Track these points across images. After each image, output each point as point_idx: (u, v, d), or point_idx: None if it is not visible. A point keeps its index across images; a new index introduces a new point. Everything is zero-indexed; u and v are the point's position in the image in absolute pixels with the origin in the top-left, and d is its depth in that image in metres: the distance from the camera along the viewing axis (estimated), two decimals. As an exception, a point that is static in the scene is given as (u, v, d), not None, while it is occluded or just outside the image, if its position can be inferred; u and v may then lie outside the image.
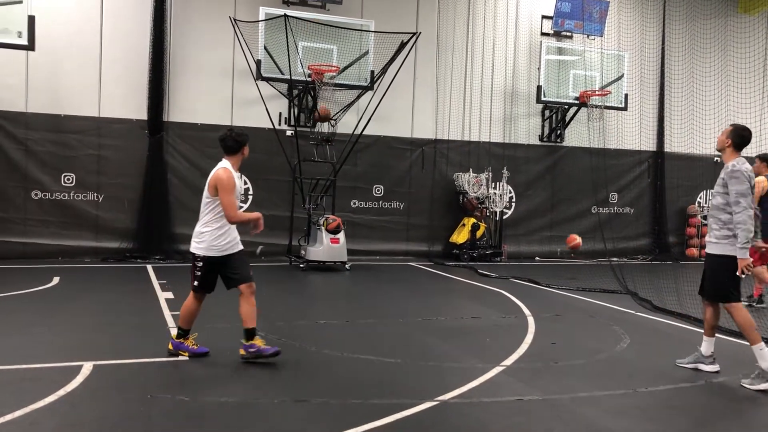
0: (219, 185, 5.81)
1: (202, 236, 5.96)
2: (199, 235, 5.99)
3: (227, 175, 5.86)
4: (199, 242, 5.97)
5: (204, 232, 5.96)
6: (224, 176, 5.83)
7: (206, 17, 13.09)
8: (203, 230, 5.97)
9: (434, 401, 5.06)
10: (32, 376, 5.38)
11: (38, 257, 12.03)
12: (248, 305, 5.95)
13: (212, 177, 5.90)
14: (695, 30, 16.24)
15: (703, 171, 16.70)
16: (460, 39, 14.96)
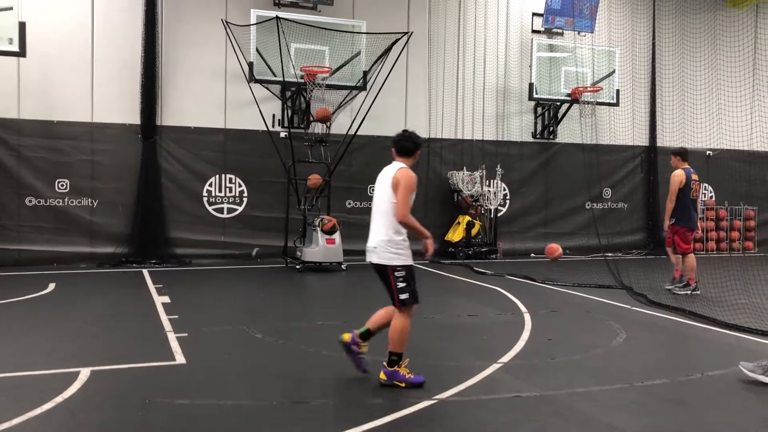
0: (403, 182, 5.40)
1: (398, 245, 5.46)
2: (395, 245, 5.45)
3: (411, 174, 5.50)
4: (397, 251, 5.46)
5: (398, 241, 5.46)
6: (409, 175, 5.47)
7: (197, 20, 13.08)
8: (397, 238, 5.46)
9: (433, 400, 5.08)
10: (29, 383, 5.37)
11: (33, 264, 12.00)
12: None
13: (394, 177, 5.45)
14: (685, 24, 16.31)
15: (695, 165, 16.68)
16: (451, 37, 14.98)
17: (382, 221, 5.47)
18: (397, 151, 5.68)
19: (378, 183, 5.58)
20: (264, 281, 11.29)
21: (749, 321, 7.78)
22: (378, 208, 5.51)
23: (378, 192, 5.54)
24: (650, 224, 16.38)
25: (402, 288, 5.40)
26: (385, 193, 5.46)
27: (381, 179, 5.55)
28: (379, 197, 5.51)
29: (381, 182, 5.53)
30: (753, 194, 16.85)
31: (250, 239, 13.49)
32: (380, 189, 5.51)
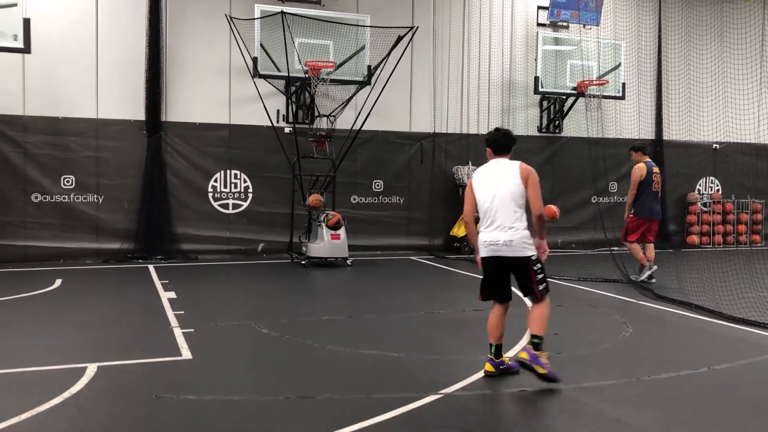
0: (533, 176, 5.45)
1: (529, 238, 5.45)
2: (528, 238, 5.43)
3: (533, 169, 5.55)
4: (531, 244, 5.44)
5: (529, 234, 5.46)
6: (533, 170, 5.52)
7: (202, 16, 13.07)
8: (528, 231, 5.46)
9: (438, 394, 5.08)
10: (37, 378, 5.40)
11: (40, 260, 12.05)
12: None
13: (522, 171, 5.45)
14: (691, 17, 16.21)
15: (702, 158, 16.70)
16: (456, 32, 14.94)
17: (514, 216, 5.41)
18: (496, 150, 5.61)
19: (495, 180, 5.48)
20: (269, 277, 11.31)
21: (756, 315, 7.75)
22: (505, 204, 5.42)
23: (502, 188, 5.43)
24: (656, 218, 16.32)
25: (541, 278, 5.43)
26: (516, 189, 5.41)
27: (500, 175, 5.48)
28: (505, 193, 5.42)
29: (502, 178, 5.46)
30: (760, 187, 16.78)
31: (255, 235, 13.50)
32: (505, 185, 5.43)
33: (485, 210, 5.51)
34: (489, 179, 5.53)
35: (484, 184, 5.54)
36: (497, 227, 5.42)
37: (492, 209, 5.46)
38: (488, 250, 5.47)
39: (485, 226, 5.51)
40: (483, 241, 5.50)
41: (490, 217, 5.47)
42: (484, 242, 5.49)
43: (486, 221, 5.50)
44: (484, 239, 5.49)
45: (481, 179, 5.58)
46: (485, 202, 5.50)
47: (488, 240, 5.46)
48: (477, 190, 5.58)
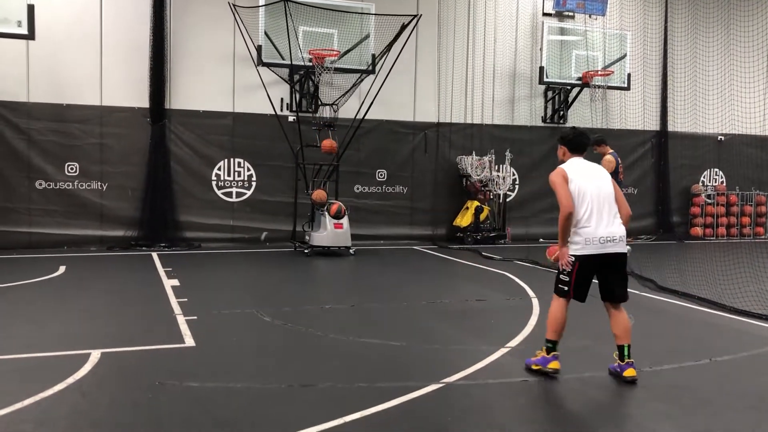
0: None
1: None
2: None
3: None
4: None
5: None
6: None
7: (206, 3, 13.03)
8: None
9: (440, 383, 5.09)
10: (41, 364, 5.43)
11: (44, 247, 12.09)
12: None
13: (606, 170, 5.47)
14: (698, 8, 16.10)
15: (706, 150, 16.64)
16: (461, 21, 14.86)
17: (615, 213, 5.26)
18: (575, 148, 5.44)
19: (593, 175, 5.32)
20: (272, 265, 11.33)
21: (758, 307, 7.75)
22: (610, 200, 5.25)
23: (604, 185, 5.28)
24: (660, 209, 16.31)
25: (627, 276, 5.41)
26: (611, 187, 5.31)
27: (595, 172, 5.37)
28: (608, 190, 5.28)
29: (598, 174, 5.35)
30: (764, 180, 16.73)
31: (258, 223, 13.52)
32: (605, 182, 5.31)
33: (593, 205, 5.19)
34: (588, 174, 5.30)
35: (586, 178, 5.27)
36: (605, 222, 5.18)
37: (600, 204, 5.21)
38: (599, 246, 5.16)
39: (594, 221, 5.16)
40: (596, 236, 5.15)
41: (598, 212, 5.19)
42: (598, 238, 5.15)
43: (594, 217, 5.17)
44: (597, 234, 5.15)
45: (581, 173, 5.29)
46: (593, 197, 5.20)
47: (604, 235, 5.16)
48: (579, 182, 5.23)
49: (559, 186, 5.23)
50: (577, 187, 5.22)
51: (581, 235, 5.18)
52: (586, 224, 5.18)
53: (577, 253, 5.20)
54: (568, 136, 5.48)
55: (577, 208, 5.19)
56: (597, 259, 5.20)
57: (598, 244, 5.16)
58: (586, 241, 5.16)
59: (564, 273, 5.27)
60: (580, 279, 5.23)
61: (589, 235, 5.16)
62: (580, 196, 5.20)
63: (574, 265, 5.20)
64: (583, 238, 5.17)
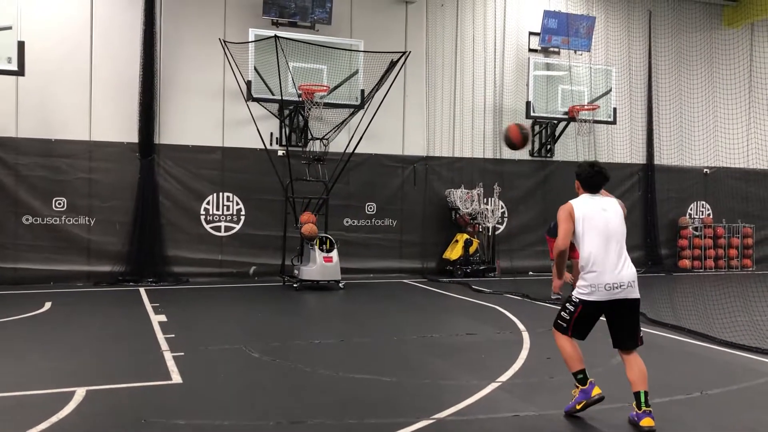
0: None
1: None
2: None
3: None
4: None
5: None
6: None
7: (196, 39, 13.15)
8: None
9: (431, 419, 5.03)
10: (24, 403, 5.32)
11: (30, 282, 11.95)
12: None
13: (622, 207, 5.22)
14: (681, 43, 16.43)
15: (693, 183, 16.82)
16: (448, 56, 15.07)
17: (625, 254, 5.06)
18: (592, 187, 5.18)
19: (603, 213, 5.06)
20: (261, 300, 11.25)
21: (748, 339, 7.75)
22: (619, 241, 5.03)
23: (613, 224, 5.03)
24: (648, 242, 16.38)
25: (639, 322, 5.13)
26: (621, 226, 5.09)
27: (604, 209, 5.08)
28: (616, 230, 5.04)
29: (610, 213, 5.08)
30: (750, 212, 16.89)
31: (247, 257, 13.45)
32: (615, 221, 5.06)
33: (599, 248, 4.96)
34: (596, 212, 5.05)
35: (593, 217, 5.03)
36: (616, 265, 4.95)
37: (608, 245, 4.97)
38: (605, 293, 4.93)
39: (599, 266, 4.93)
40: (601, 283, 4.92)
41: (605, 255, 4.96)
42: (604, 285, 4.91)
43: (599, 261, 4.94)
44: (603, 281, 4.91)
45: (588, 211, 5.05)
46: (599, 237, 4.97)
47: (610, 282, 4.92)
48: (584, 222, 5.01)
49: (562, 221, 5.07)
50: (582, 227, 5.01)
51: (587, 280, 4.96)
52: (592, 269, 4.95)
53: (583, 297, 5.00)
54: (582, 173, 5.19)
55: (582, 251, 5.02)
56: (605, 305, 4.99)
57: (604, 291, 4.92)
58: (591, 287, 4.94)
59: (566, 311, 5.10)
60: (581, 319, 5.06)
61: (594, 281, 4.93)
62: (585, 238, 4.99)
63: (578, 306, 5.03)
64: (588, 284, 4.96)
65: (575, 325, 5.08)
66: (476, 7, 15.28)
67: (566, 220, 5.03)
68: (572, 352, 5.13)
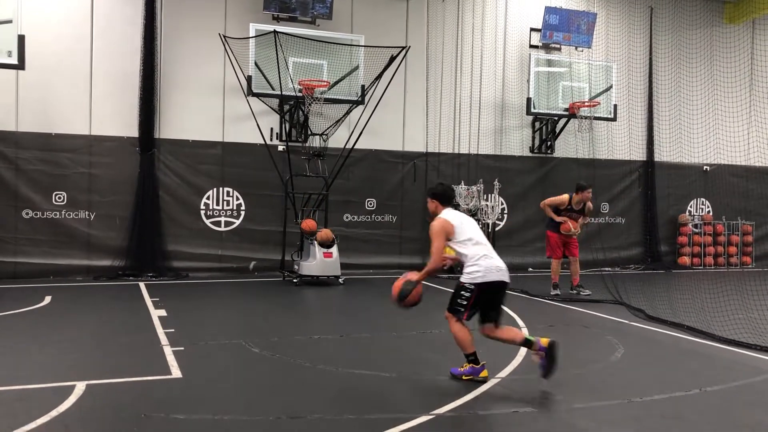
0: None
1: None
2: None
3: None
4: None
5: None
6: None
7: (196, 34, 13.13)
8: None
9: (430, 415, 5.05)
10: (24, 397, 5.33)
11: (30, 276, 11.96)
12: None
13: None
14: (682, 40, 16.41)
15: (693, 180, 16.82)
16: (449, 52, 15.05)
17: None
18: (447, 201, 6.24)
19: (469, 221, 6.18)
20: (261, 295, 11.26)
21: (747, 336, 7.76)
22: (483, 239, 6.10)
23: (477, 229, 6.15)
24: (648, 239, 16.39)
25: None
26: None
27: (467, 219, 6.21)
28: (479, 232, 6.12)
29: (471, 221, 6.22)
30: (750, 209, 16.89)
31: (247, 253, 13.46)
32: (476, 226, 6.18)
33: (482, 242, 6.02)
34: (468, 220, 6.16)
35: (468, 222, 6.13)
36: (495, 255, 6.00)
37: (485, 242, 6.07)
38: (499, 274, 5.90)
39: (486, 254, 5.93)
40: (492, 266, 5.87)
41: (487, 248, 6.01)
42: (496, 267, 5.88)
43: (483, 251, 5.93)
44: (494, 264, 5.88)
45: (461, 219, 6.11)
46: (480, 235, 6.06)
47: (499, 265, 5.93)
48: (464, 226, 6.02)
49: (436, 236, 5.95)
50: (468, 229, 6.01)
51: (481, 266, 5.86)
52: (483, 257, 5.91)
53: (478, 281, 5.86)
54: (438, 190, 6.22)
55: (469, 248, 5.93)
56: (494, 286, 5.90)
57: (497, 273, 5.90)
58: (486, 269, 5.86)
59: (462, 297, 5.96)
60: (476, 303, 5.92)
61: (488, 265, 5.88)
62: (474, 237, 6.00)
63: (474, 291, 5.87)
64: (483, 268, 5.86)
65: (471, 309, 5.94)
66: (477, 3, 15.25)
67: (439, 234, 5.95)
68: (467, 335, 6.01)
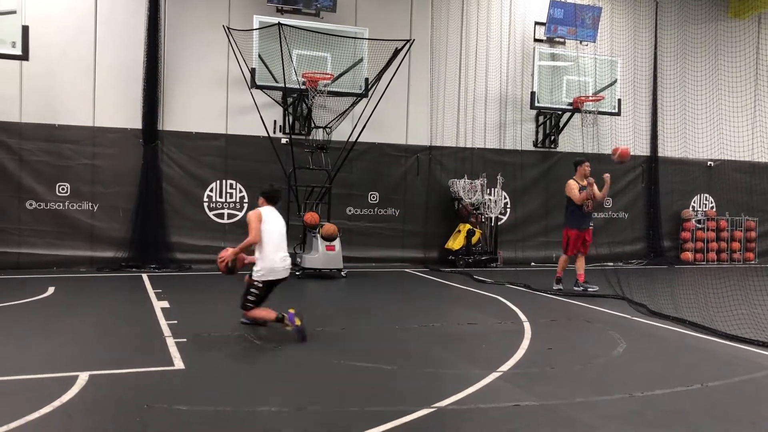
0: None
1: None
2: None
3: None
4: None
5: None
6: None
7: (200, 26, 13.11)
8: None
9: (431, 408, 5.06)
10: (28, 386, 5.36)
11: (33, 267, 11.99)
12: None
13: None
14: (687, 34, 16.34)
15: (696, 175, 16.78)
16: (453, 46, 15.02)
17: (285, 248, 7.44)
18: (272, 200, 7.58)
19: (276, 217, 7.45)
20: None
21: (749, 332, 7.76)
22: (285, 238, 7.46)
23: (280, 228, 7.44)
24: (651, 234, 16.37)
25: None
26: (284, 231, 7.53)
27: (277, 217, 7.47)
28: (282, 232, 7.44)
29: (279, 220, 7.49)
30: (754, 205, 16.85)
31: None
32: (282, 227, 7.47)
33: (278, 241, 7.30)
34: (275, 216, 7.41)
35: (275, 219, 7.38)
36: (284, 251, 7.36)
37: (281, 240, 7.36)
38: (284, 272, 7.33)
39: (277, 252, 7.25)
40: (279, 266, 7.26)
41: (279, 246, 7.31)
42: (282, 267, 7.29)
43: (276, 249, 7.25)
44: (281, 265, 7.29)
45: (273, 215, 7.39)
46: (278, 234, 7.34)
47: (286, 266, 7.37)
48: (268, 224, 7.27)
49: (254, 224, 7.17)
50: (270, 227, 7.25)
51: (270, 263, 7.20)
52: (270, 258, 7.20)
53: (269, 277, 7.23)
54: (266, 191, 7.60)
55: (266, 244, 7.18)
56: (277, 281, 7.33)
57: (282, 271, 7.33)
58: (272, 268, 7.22)
59: (251, 294, 7.25)
60: (264, 295, 7.30)
61: (274, 264, 7.22)
62: (273, 234, 7.26)
63: (261, 287, 7.23)
64: (270, 265, 7.20)
65: (259, 301, 7.30)
66: (482, -4, 15.21)
67: (256, 221, 7.20)
68: (265, 312, 7.23)
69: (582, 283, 10.98)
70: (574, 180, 11.07)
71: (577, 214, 10.96)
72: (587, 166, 11.10)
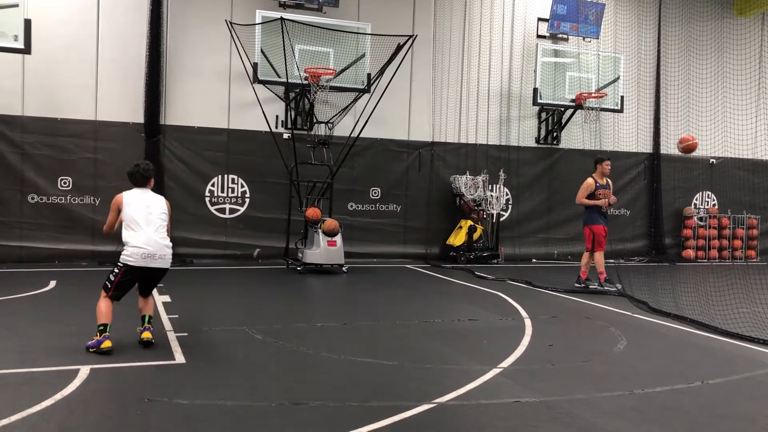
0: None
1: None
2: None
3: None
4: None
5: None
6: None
7: (203, 21, 13.10)
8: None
9: (432, 403, 5.06)
10: (29, 379, 5.37)
11: (35, 261, 12.01)
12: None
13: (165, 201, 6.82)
14: (691, 32, 16.30)
15: (699, 173, 16.76)
16: (456, 41, 14.99)
17: (164, 235, 6.53)
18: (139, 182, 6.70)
19: (150, 201, 6.57)
20: (264, 282, 11.29)
21: (750, 330, 7.76)
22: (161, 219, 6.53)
23: (154, 208, 6.53)
24: (652, 231, 16.36)
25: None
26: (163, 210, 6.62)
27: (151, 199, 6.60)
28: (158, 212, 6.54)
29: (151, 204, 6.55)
30: (756, 203, 16.84)
31: (251, 240, 13.49)
32: (156, 206, 6.56)
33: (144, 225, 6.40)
34: (148, 200, 6.56)
35: (147, 202, 6.52)
36: (155, 239, 6.41)
37: (144, 223, 6.41)
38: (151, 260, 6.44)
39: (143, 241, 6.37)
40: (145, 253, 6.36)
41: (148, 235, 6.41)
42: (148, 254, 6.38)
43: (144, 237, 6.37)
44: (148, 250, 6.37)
45: (145, 199, 6.55)
46: (145, 218, 6.42)
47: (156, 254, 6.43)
48: (130, 207, 6.44)
49: (112, 208, 6.55)
50: (131, 211, 6.43)
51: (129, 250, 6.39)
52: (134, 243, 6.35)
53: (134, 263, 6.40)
54: (128, 173, 6.75)
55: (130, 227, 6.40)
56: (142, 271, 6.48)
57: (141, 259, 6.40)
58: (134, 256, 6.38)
59: (113, 274, 6.52)
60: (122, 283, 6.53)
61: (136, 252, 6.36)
62: (134, 217, 6.41)
63: (120, 270, 6.46)
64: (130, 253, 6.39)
65: (116, 288, 6.50)
66: (485, -8, 15.18)
67: (113, 209, 6.52)
68: (107, 310, 6.43)
69: (584, 280, 10.92)
70: (592, 178, 10.82)
71: (597, 209, 10.73)
72: (607, 164, 10.84)
